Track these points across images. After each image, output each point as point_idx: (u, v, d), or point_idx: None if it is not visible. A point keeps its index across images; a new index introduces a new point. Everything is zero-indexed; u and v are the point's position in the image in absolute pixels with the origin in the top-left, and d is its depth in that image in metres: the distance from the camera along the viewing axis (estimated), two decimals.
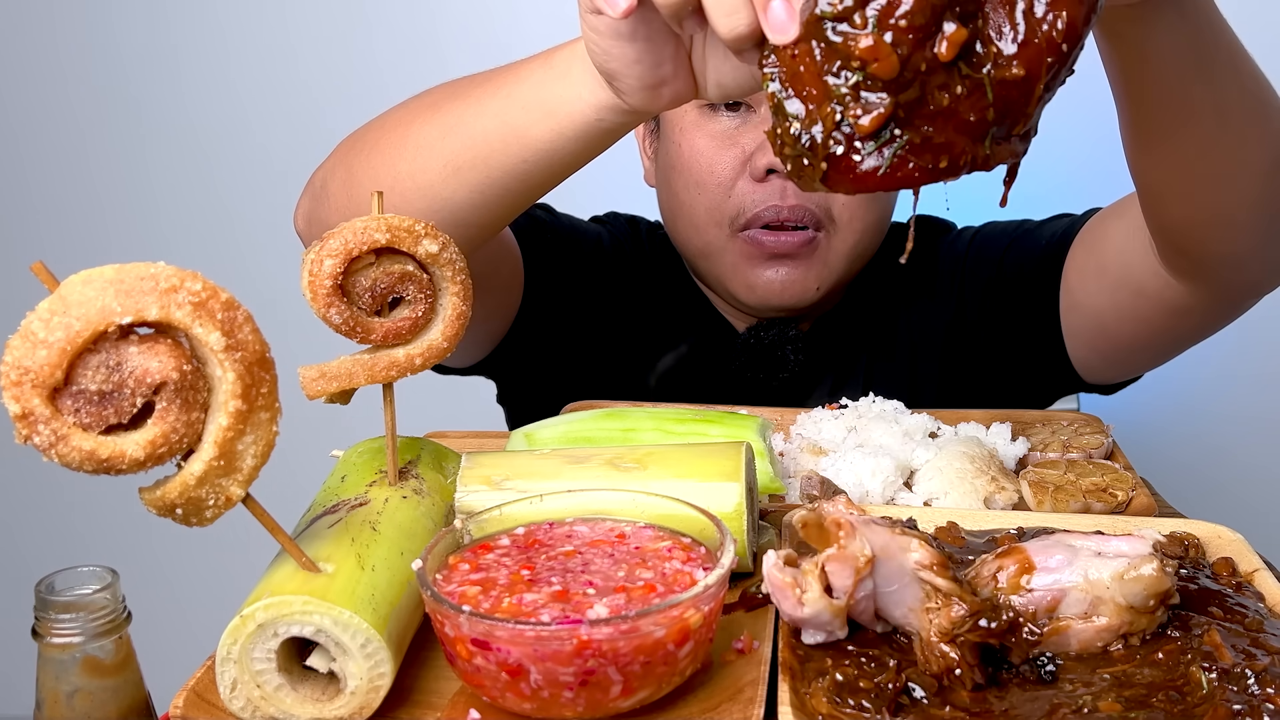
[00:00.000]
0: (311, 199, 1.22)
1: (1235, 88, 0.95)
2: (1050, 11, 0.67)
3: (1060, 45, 0.67)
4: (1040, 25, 0.68)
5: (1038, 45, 0.68)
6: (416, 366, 0.79)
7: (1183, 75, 0.92)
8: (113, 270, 0.59)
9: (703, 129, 1.30)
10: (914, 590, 0.67)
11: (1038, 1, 0.68)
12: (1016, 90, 0.68)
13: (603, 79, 0.88)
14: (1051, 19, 0.67)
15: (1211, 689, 0.64)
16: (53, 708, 0.71)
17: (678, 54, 0.84)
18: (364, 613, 0.66)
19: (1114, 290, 1.22)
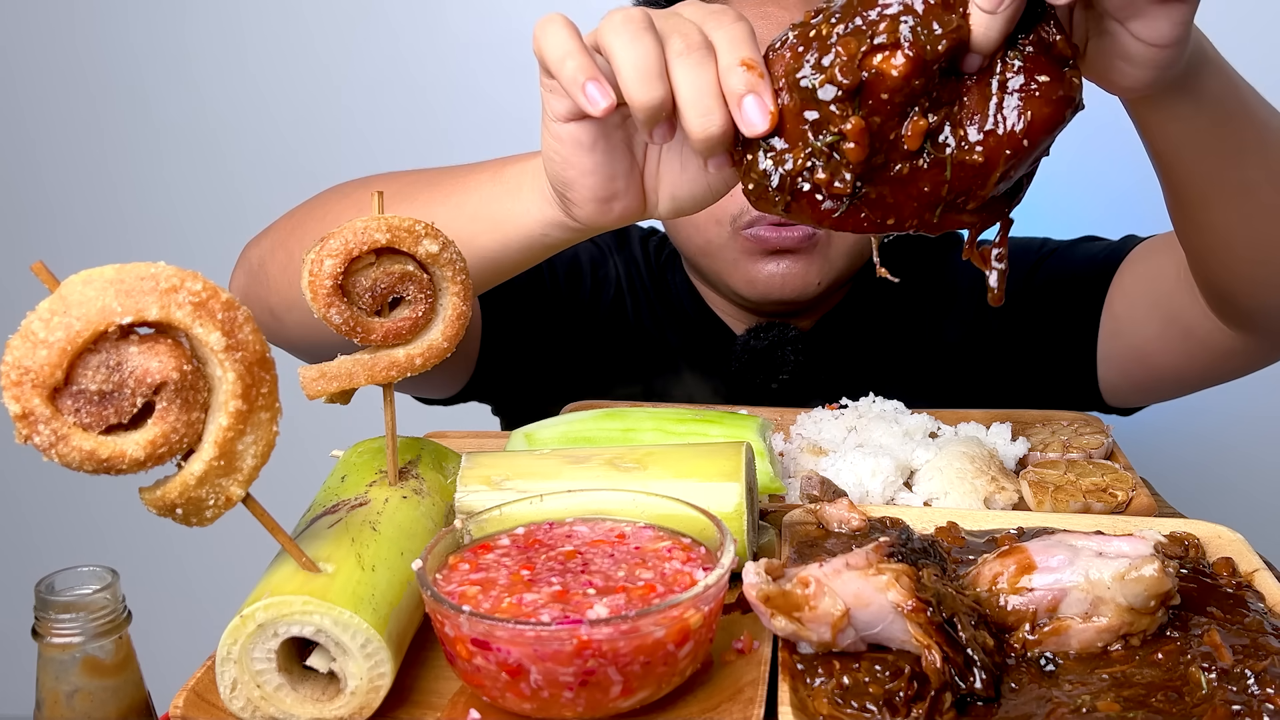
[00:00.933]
0: (247, 275, 1.22)
1: (1261, 167, 0.95)
2: (1019, 109, 0.72)
3: (1021, 141, 0.73)
4: (1006, 120, 0.73)
5: (1000, 137, 0.73)
6: (416, 366, 0.79)
7: (1203, 158, 0.94)
8: (113, 270, 0.59)
9: None
10: (901, 623, 0.66)
11: (1010, 97, 0.73)
12: (974, 173, 0.74)
13: (554, 196, 0.90)
14: (1017, 116, 0.73)
15: (1211, 689, 0.64)
16: (53, 708, 0.71)
17: (631, 171, 0.87)
18: (364, 613, 0.66)
19: (1163, 325, 1.22)
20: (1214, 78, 0.88)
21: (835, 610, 0.65)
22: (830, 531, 0.86)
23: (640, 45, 0.75)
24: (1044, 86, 0.72)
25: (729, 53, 0.75)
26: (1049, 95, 0.72)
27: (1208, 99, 0.88)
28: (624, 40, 0.75)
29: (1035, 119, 0.72)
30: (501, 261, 0.99)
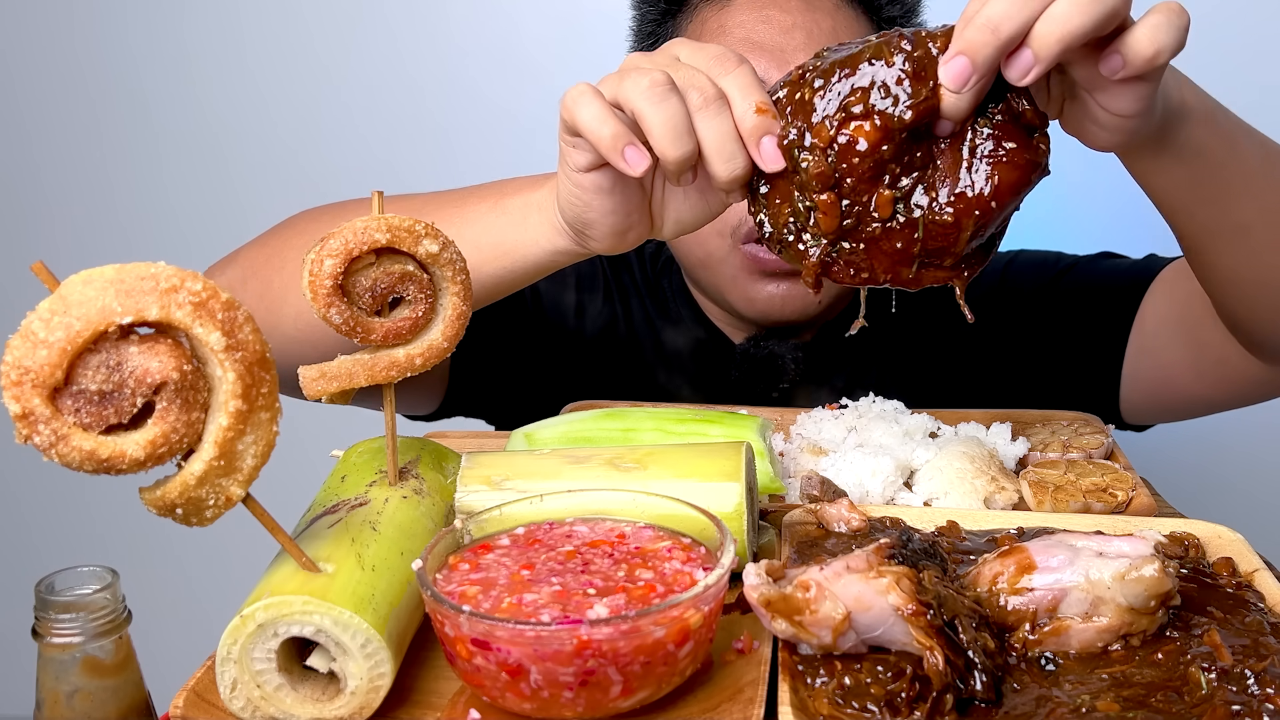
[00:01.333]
0: None
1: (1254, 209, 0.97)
2: (987, 174, 0.78)
3: (990, 203, 0.78)
4: (975, 184, 0.79)
5: (969, 200, 0.79)
6: (416, 366, 0.79)
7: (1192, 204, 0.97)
8: (113, 270, 0.59)
9: None
10: (902, 626, 0.66)
11: (979, 162, 0.79)
12: (945, 232, 0.80)
13: (564, 227, 0.96)
14: (985, 180, 0.78)
15: (1211, 689, 0.64)
16: (53, 708, 0.71)
17: (642, 203, 0.93)
18: (364, 613, 0.66)
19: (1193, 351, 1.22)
20: (1195, 129, 0.90)
21: (836, 614, 0.66)
22: (830, 531, 0.86)
23: (668, 106, 0.81)
24: (1011, 153, 0.78)
25: (742, 100, 0.82)
26: (1016, 161, 0.78)
27: (1189, 151, 0.91)
28: (652, 103, 0.81)
29: (1002, 183, 0.78)
30: (504, 285, 1.03)
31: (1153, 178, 0.95)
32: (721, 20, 1.29)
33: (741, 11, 1.28)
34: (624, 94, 0.83)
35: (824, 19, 1.26)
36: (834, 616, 0.66)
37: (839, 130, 0.78)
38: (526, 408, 1.28)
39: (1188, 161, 0.92)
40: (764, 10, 1.27)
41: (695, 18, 1.32)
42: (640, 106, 0.82)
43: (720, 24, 1.29)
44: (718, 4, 1.30)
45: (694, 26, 1.32)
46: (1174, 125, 0.88)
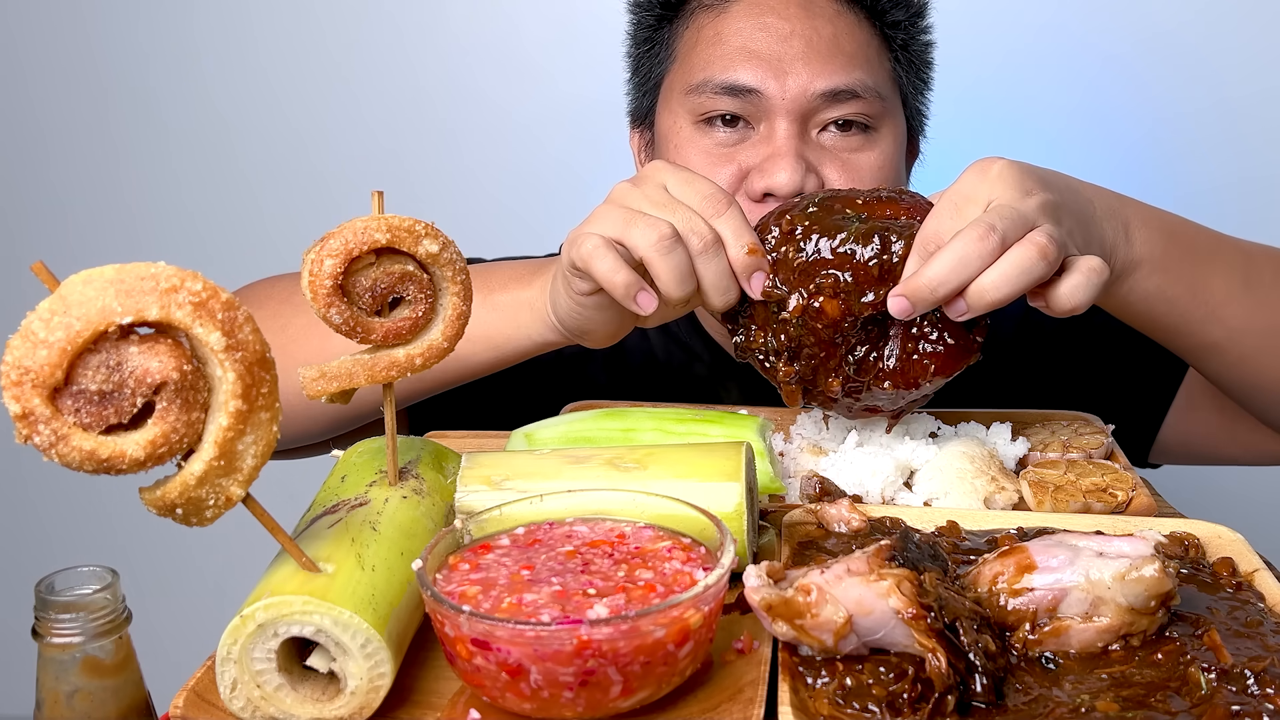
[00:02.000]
0: None
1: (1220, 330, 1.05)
2: (926, 359, 0.96)
3: (923, 383, 0.97)
4: (913, 364, 0.97)
5: (906, 377, 0.97)
6: (416, 366, 0.79)
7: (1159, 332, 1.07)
8: (113, 270, 0.59)
9: (697, 144, 1.27)
10: (903, 629, 0.66)
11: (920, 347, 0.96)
12: (884, 395, 0.98)
13: (560, 327, 1.06)
14: (924, 364, 0.96)
15: (1211, 689, 0.64)
16: (53, 708, 0.71)
17: None
18: (364, 613, 0.66)
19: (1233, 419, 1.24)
20: (1144, 281, 1.01)
21: (838, 618, 0.66)
22: (830, 532, 0.86)
23: (674, 258, 0.94)
24: (948, 347, 0.96)
25: (736, 242, 0.96)
26: (951, 353, 0.96)
27: (1136, 297, 1.02)
28: (660, 255, 0.94)
29: (936, 369, 0.96)
30: (489, 369, 1.13)
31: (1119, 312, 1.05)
32: (718, 28, 1.27)
33: (738, 19, 1.26)
34: (632, 242, 0.94)
35: (824, 26, 1.24)
36: (835, 620, 0.66)
37: (811, 298, 0.96)
38: (526, 408, 1.28)
39: (1136, 305, 1.03)
40: (761, 17, 1.26)
41: (691, 24, 1.31)
42: (650, 257, 0.94)
43: (716, 31, 1.27)
44: (714, 11, 1.29)
45: (690, 33, 1.31)
46: (1120, 280, 1.00)
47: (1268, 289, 1.07)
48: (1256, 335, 1.06)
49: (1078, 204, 0.98)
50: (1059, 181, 0.98)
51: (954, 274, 0.87)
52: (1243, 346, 1.06)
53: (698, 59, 1.27)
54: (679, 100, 1.29)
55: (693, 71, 1.27)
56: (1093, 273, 0.89)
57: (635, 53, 1.39)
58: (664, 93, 1.33)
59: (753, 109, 1.23)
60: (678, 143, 1.28)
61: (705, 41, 1.28)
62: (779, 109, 1.22)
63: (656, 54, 1.35)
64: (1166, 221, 1.05)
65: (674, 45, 1.33)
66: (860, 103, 1.23)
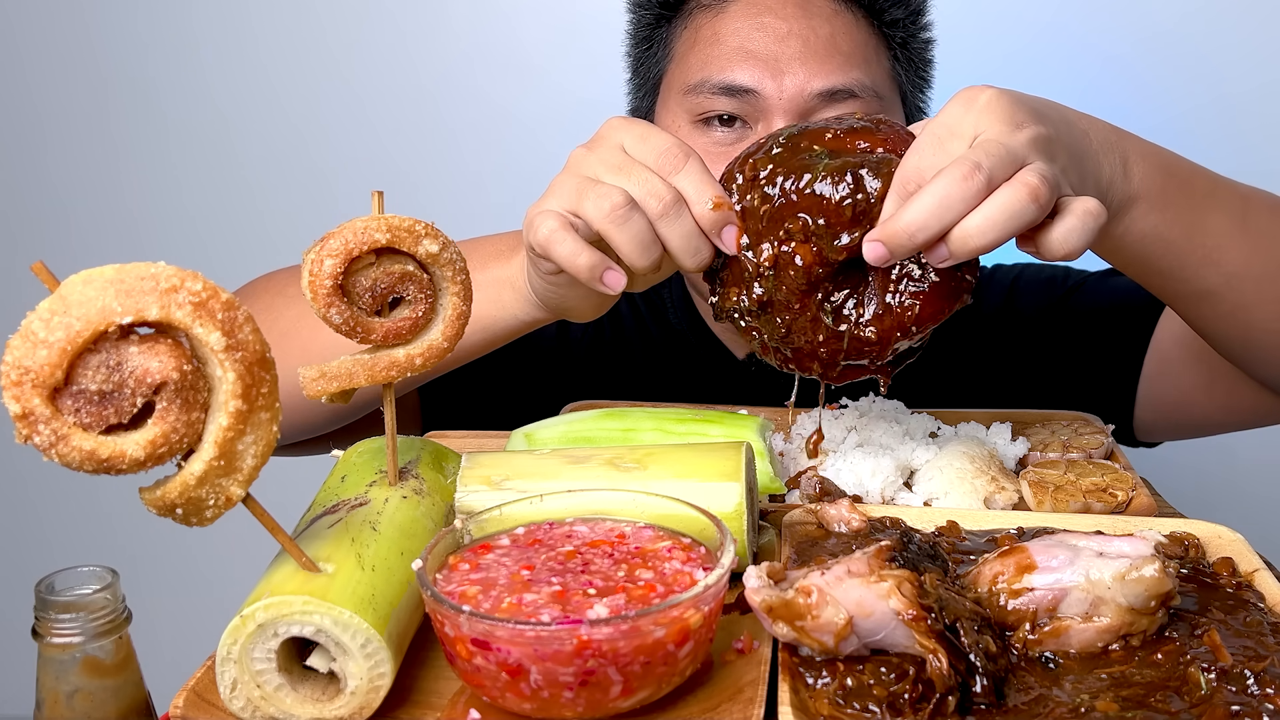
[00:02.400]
0: None
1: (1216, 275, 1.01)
2: (909, 301, 0.86)
3: (910, 327, 0.87)
4: (897, 308, 0.87)
5: (891, 321, 0.87)
6: (416, 366, 0.79)
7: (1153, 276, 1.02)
8: (113, 270, 0.59)
9: (695, 143, 1.25)
10: (904, 630, 0.66)
11: (905, 290, 0.86)
12: (867, 346, 0.89)
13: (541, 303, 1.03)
14: (907, 305, 0.86)
15: (1210, 689, 0.64)
16: (53, 708, 0.71)
17: None
18: (364, 613, 0.66)
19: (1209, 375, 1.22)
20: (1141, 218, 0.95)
21: (838, 619, 0.66)
22: (830, 532, 0.86)
23: (631, 225, 0.88)
24: (934, 285, 0.86)
25: (699, 199, 0.89)
26: (938, 293, 0.86)
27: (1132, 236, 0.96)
28: (616, 225, 0.88)
29: (922, 311, 0.86)
30: (479, 351, 1.11)
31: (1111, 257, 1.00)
32: (715, 27, 1.27)
33: (736, 19, 1.27)
34: (587, 216, 0.89)
35: (821, 25, 1.24)
36: (836, 622, 0.66)
37: (779, 244, 0.88)
38: (525, 409, 1.28)
39: (1132, 246, 0.97)
40: (759, 17, 1.26)
41: (689, 24, 1.31)
42: (606, 229, 0.88)
43: (714, 31, 1.27)
44: (712, 10, 1.29)
45: (688, 33, 1.31)
46: (1116, 217, 0.94)
47: (1265, 233, 1.03)
48: (1253, 281, 1.02)
49: (1072, 136, 0.91)
50: (1052, 113, 0.91)
51: (935, 218, 0.80)
52: (1239, 293, 1.02)
53: (695, 59, 1.28)
54: (677, 100, 1.29)
55: (690, 71, 1.27)
56: (1089, 215, 0.82)
57: (634, 52, 1.39)
58: (662, 92, 1.34)
59: (750, 109, 1.24)
60: None
61: (703, 41, 1.28)
62: (776, 108, 1.22)
63: (655, 53, 1.35)
64: (1165, 157, 0.99)
65: (672, 45, 1.33)
66: (857, 103, 1.23)
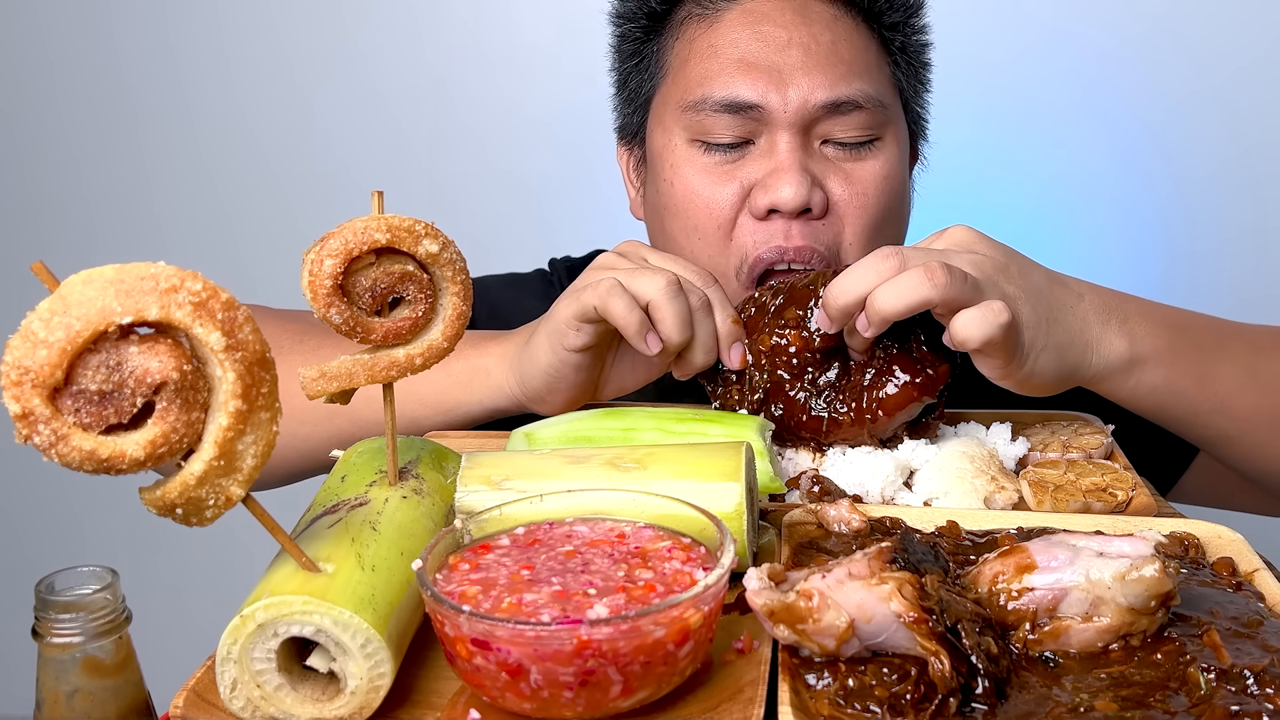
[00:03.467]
0: None
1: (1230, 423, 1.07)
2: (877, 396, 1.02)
3: (876, 416, 1.02)
4: (866, 400, 1.03)
5: (860, 411, 1.03)
6: (416, 366, 0.79)
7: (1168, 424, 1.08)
8: (113, 270, 0.59)
9: (695, 162, 1.23)
10: (905, 632, 0.66)
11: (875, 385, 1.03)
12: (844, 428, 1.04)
13: (519, 394, 1.12)
14: (875, 399, 1.02)
15: (1210, 689, 0.64)
16: (53, 708, 0.71)
17: (596, 377, 1.12)
18: (364, 613, 0.66)
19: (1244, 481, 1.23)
20: (1148, 375, 1.03)
21: (840, 622, 0.65)
22: (830, 532, 0.86)
23: (679, 303, 1.03)
24: (902, 384, 1.02)
25: (721, 312, 1.07)
26: (902, 390, 1.01)
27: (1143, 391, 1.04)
28: (668, 299, 1.02)
29: (886, 404, 1.02)
30: (435, 429, 1.15)
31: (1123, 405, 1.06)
32: (711, 39, 1.23)
33: (732, 29, 1.22)
34: (639, 288, 1.02)
35: (822, 32, 1.21)
36: (837, 625, 0.66)
37: (775, 335, 1.06)
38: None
39: (1145, 399, 1.04)
40: (757, 26, 1.22)
41: (682, 36, 1.26)
42: (658, 300, 1.01)
43: (710, 43, 1.23)
44: (706, 21, 1.24)
45: (681, 46, 1.26)
46: (1118, 376, 1.02)
47: (1276, 376, 1.09)
48: (1265, 426, 1.08)
49: (1041, 282, 1.00)
50: (1024, 261, 1.01)
51: (853, 285, 0.95)
52: (1252, 437, 1.08)
53: (693, 74, 1.23)
54: (674, 117, 1.25)
55: (689, 87, 1.23)
56: (990, 311, 0.92)
57: (622, 68, 1.35)
58: (656, 109, 1.30)
59: (753, 125, 1.20)
60: (674, 161, 1.25)
61: (699, 55, 1.23)
62: (780, 121, 1.19)
63: (646, 68, 1.31)
64: (1171, 316, 1.06)
65: (664, 59, 1.28)
66: (862, 114, 1.20)
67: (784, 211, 1.18)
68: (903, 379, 1.01)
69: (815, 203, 1.18)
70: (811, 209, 1.18)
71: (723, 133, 1.21)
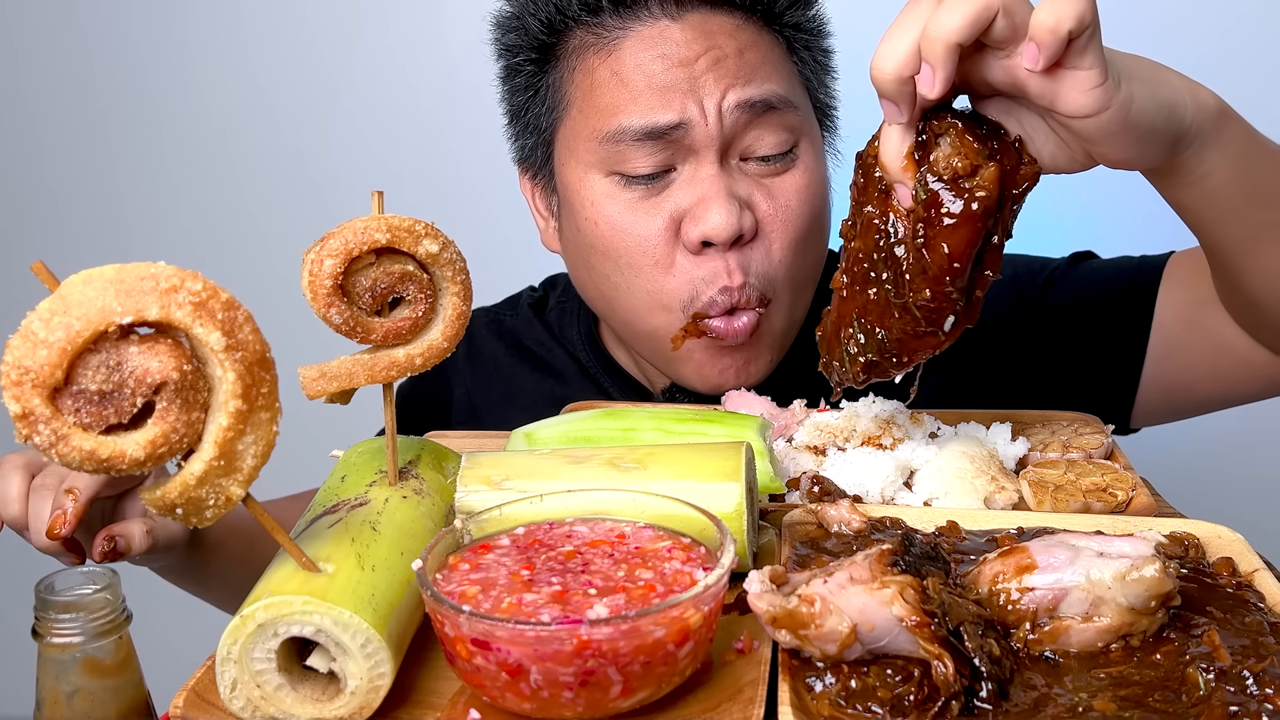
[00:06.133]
0: None
1: None
2: (932, 245, 0.84)
3: (953, 264, 0.84)
4: (927, 259, 0.85)
5: (929, 275, 0.85)
6: (416, 366, 0.79)
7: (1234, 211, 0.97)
8: (113, 270, 0.59)
9: (617, 198, 1.19)
10: (908, 635, 0.66)
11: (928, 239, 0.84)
12: (932, 306, 0.87)
13: None
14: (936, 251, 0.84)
15: (1209, 689, 0.64)
16: (53, 708, 0.71)
17: None
18: (364, 613, 0.66)
19: (1216, 350, 1.19)
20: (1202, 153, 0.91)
21: (842, 628, 0.65)
22: (830, 532, 0.86)
23: None
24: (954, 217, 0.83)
25: None
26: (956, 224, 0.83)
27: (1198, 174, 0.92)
28: None
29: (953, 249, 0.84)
30: None
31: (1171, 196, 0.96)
32: (614, 67, 1.17)
33: (633, 54, 1.17)
34: None
35: (726, 42, 1.17)
36: (840, 630, 0.66)
37: None
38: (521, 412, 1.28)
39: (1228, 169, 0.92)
40: (659, 48, 1.16)
41: (580, 67, 1.21)
42: None
43: (613, 72, 1.18)
44: (604, 51, 1.18)
45: (580, 77, 1.20)
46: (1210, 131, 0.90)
47: None
48: None
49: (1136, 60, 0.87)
50: None
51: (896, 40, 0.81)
52: None
53: (601, 104, 1.18)
54: (588, 149, 1.20)
55: (600, 118, 1.18)
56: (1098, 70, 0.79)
57: (515, 99, 1.30)
58: (563, 141, 1.24)
59: (674, 149, 1.17)
60: (593, 199, 1.20)
61: (603, 85, 1.18)
62: (703, 136, 1.15)
63: (544, 100, 1.25)
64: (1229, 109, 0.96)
65: (564, 91, 1.23)
66: (778, 117, 1.18)
67: (717, 242, 1.15)
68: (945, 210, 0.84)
69: (746, 227, 1.16)
70: (743, 234, 1.16)
71: (643, 162, 1.17)
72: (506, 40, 1.28)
